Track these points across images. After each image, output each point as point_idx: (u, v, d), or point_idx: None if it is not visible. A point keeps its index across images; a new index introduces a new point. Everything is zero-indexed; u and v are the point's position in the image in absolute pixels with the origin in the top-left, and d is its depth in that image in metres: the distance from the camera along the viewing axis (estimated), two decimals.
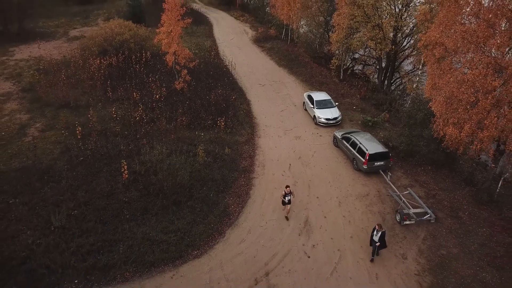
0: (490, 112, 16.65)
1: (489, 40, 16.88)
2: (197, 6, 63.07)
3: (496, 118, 16.38)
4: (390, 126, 26.00)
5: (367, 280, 14.84)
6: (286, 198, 17.52)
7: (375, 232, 15.35)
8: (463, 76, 17.19)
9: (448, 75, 18.09)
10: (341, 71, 35.29)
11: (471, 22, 17.95)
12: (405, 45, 32.98)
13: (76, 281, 14.28)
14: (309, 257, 15.93)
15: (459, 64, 18.72)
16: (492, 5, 17.27)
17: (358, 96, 31.72)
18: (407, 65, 35.35)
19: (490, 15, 16.72)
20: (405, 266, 15.57)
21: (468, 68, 17.85)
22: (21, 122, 25.21)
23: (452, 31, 18.06)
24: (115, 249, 15.47)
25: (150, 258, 15.27)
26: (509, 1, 16.18)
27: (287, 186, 17.73)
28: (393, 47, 31.66)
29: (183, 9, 26.46)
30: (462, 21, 18.20)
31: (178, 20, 26.59)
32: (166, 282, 14.59)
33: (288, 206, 17.71)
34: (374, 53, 33.30)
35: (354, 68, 39.44)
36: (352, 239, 16.79)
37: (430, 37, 19.22)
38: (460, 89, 16.58)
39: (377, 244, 15.26)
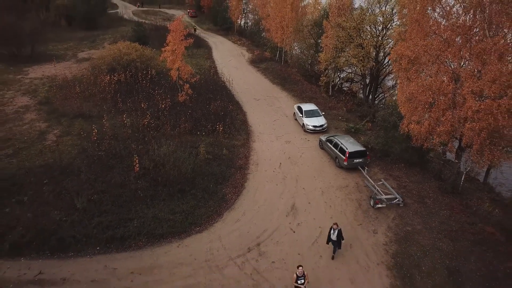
0: (446, 111, 20.33)
1: (444, 52, 20.79)
2: (197, 31, 67.99)
3: (450, 116, 20.02)
4: (371, 133, 29.57)
5: (343, 250, 17.97)
6: (299, 282, 14.46)
7: (332, 231, 16.96)
8: (423, 81, 20.98)
9: (413, 82, 21.89)
10: (330, 87, 39.30)
11: (431, 38, 21.92)
12: (386, 62, 37.10)
13: (98, 248, 17.41)
14: (294, 232, 19.11)
15: (423, 73, 22.56)
16: (447, 25, 21.33)
17: (344, 108, 35.53)
18: (388, 81, 39.42)
19: (448, 32, 20.63)
20: (375, 239, 18.77)
21: (429, 76, 21.70)
22: (40, 129, 28.71)
23: (415, 45, 21.99)
24: (129, 224, 18.66)
25: (159, 232, 18.44)
26: (460, 21, 20.13)
27: (299, 266, 14.61)
28: (375, 64, 35.77)
29: (186, 30, 30.57)
30: (424, 38, 22.15)
31: (182, 40, 30.68)
32: (173, 249, 17.72)
33: None
34: (358, 70, 37.37)
35: (342, 85, 43.48)
36: (332, 219, 19.98)
37: (398, 51, 23.17)
38: (419, 91, 20.30)
39: (342, 240, 17.04)
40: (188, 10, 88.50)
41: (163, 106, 30.11)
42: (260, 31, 63.11)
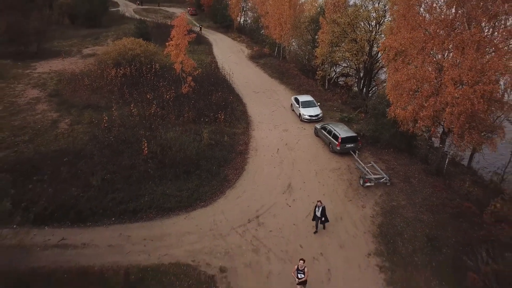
0: (429, 98, 22.45)
1: (428, 44, 22.92)
2: (198, 28, 70.00)
3: (433, 102, 22.13)
4: (363, 122, 31.66)
5: (334, 221, 20.08)
6: (299, 275, 14.76)
7: (317, 209, 18.64)
8: (408, 71, 23.11)
9: (399, 71, 24.02)
10: (326, 81, 41.41)
11: (416, 31, 24.01)
12: (380, 57, 39.22)
13: (113, 219, 19.53)
14: (290, 206, 21.24)
15: (411, 64, 24.66)
16: (431, 19, 23.48)
17: (339, 101, 37.66)
18: (381, 75, 41.54)
19: (432, 26, 22.75)
20: (363, 212, 20.90)
21: (415, 66, 23.82)
22: (52, 118, 30.76)
23: (402, 38, 24.11)
24: (141, 199, 20.76)
25: (168, 205, 20.56)
26: (443, 16, 22.25)
27: (300, 260, 15.02)
28: (369, 58, 37.90)
29: (188, 25, 32.68)
30: (410, 31, 24.25)
31: (185, 34, 32.77)
32: (180, 221, 19.84)
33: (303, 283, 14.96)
34: (353, 64, 39.50)
35: (338, 80, 45.62)
36: (324, 196, 22.10)
37: (386, 43, 25.33)
38: (404, 79, 22.44)
39: (323, 219, 18.62)
40: (188, 8, 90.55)
41: (167, 97, 32.19)
42: (259, 29, 65.17)
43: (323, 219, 18.89)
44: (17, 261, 15.65)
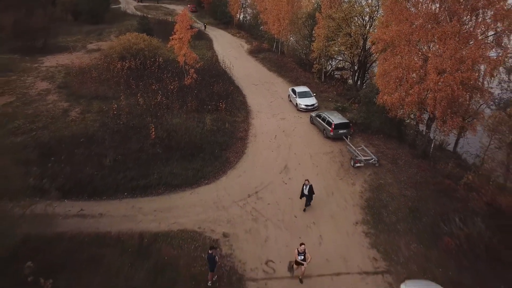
0: (414, 85, 24.65)
1: (413, 36, 25.11)
2: (198, 25, 72.11)
3: (417, 89, 24.32)
4: (356, 111, 33.83)
5: (325, 196, 22.30)
6: (299, 257, 15.96)
7: (304, 187, 20.31)
8: (395, 60, 25.31)
9: (387, 61, 26.23)
10: (322, 74, 43.59)
11: (403, 24, 26.17)
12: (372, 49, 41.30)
13: (125, 194, 21.74)
14: (286, 184, 23.45)
15: (397, 54, 26.82)
16: (416, 12, 25.66)
17: (335, 92, 39.85)
18: (375, 68, 43.63)
19: (419, 20, 24.91)
20: (353, 189, 23.12)
21: (401, 56, 25.98)
22: (63, 107, 32.90)
23: (390, 30, 26.29)
24: (150, 177, 22.96)
25: (175, 182, 22.76)
26: (428, 9, 24.42)
27: (301, 244, 16.19)
28: (363, 52, 40.08)
29: (191, 20, 34.85)
30: (398, 24, 26.40)
31: (188, 29, 34.95)
32: (186, 196, 22.06)
33: (303, 267, 16.05)
34: (348, 58, 41.69)
35: (334, 73, 47.80)
36: (317, 175, 24.33)
37: (376, 35, 27.54)
38: (391, 68, 24.66)
39: (313, 195, 20.50)
40: (188, 5, 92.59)
41: (171, 87, 34.37)
42: (258, 25, 67.29)
43: (309, 195, 20.86)
44: (43, 227, 17.79)
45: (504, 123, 20.69)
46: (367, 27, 39.50)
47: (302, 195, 20.98)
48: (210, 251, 15.65)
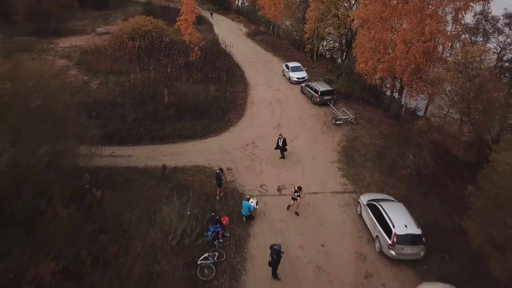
0: (385, 55, 30.18)
1: (384, 13, 30.58)
2: (198, 10, 77.19)
3: (388, 58, 29.83)
4: (340, 82, 39.34)
5: (309, 145, 27.94)
6: (295, 194, 20.32)
7: (279, 140, 25.54)
8: (370, 34, 30.81)
9: (363, 35, 31.73)
10: (314, 53, 49.03)
11: (377, 3, 31.52)
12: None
13: (147, 142, 27.35)
14: (278, 137, 29.05)
15: (373, 29, 32.27)
16: None
17: (325, 69, 45.32)
18: None
19: (393, 1, 30.31)
20: (333, 140, 28.75)
21: (375, 31, 31.44)
22: (84, 80, 38.36)
23: (366, 10, 31.72)
24: (166, 130, 28.53)
25: (187, 134, 28.36)
26: None
27: (298, 187, 20.58)
28: (349, 33, 45.51)
29: (196, 2, 40.22)
30: (373, 3, 31.76)
31: (192, 11, 40.36)
32: (197, 144, 27.67)
33: (297, 202, 20.42)
34: (336, 38, 47.13)
35: (326, 53, 53.25)
36: (304, 131, 29.92)
37: (355, 14, 33.04)
38: (366, 40, 30.19)
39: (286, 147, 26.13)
40: None
41: (179, 62, 39.85)
42: (256, 11, 72.43)
43: (284, 148, 26.03)
44: (87, 161, 23.29)
45: (441, 79, 25.95)
46: (353, 9, 44.82)
47: (277, 147, 26.08)
48: (217, 171, 21.33)
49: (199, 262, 16.96)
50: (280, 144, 25.92)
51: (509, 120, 20.24)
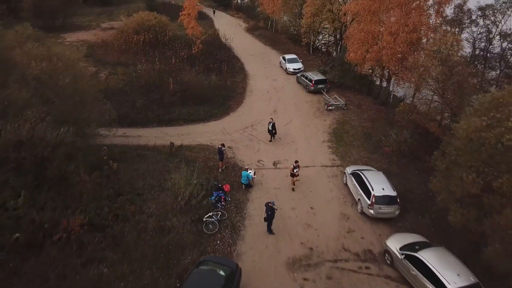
0: (373, 45, 33.09)
1: (372, 7, 33.48)
2: (200, 6, 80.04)
3: (376, 47, 32.72)
4: (334, 73, 42.20)
5: (303, 127, 30.88)
6: (295, 170, 22.51)
7: (269, 124, 28.69)
8: (359, 26, 33.71)
9: (353, 27, 34.64)
10: (310, 47, 51.95)
11: None
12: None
13: (154, 124, 30.32)
14: (274, 121, 31.98)
15: (362, 22, 35.14)
16: None
17: (320, 61, 48.22)
18: None
19: None
20: (325, 123, 31.69)
21: (364, 23, 34.33)
22: (92, 71, 41.17)
23: (357, 4, 34.59)
24: (172, 114, 31.49)
25: (191, 118, 31.32)
26: None
27: (296, 161, 22.94)
28: (344, 27, 48.39)
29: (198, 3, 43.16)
30: None
31: (195, 6, 43.25)
32: (200, 127, 30.62)
33: (295, 178, 22.82)
34: (331, 32, 50.03)
35: (322, 47, 56.17)
36: (298, 116, 32.86)
37: (346, 8, 35.97)
38: (355, 32, 33.11)
39: (274, 131, 28.48)
40: None
41: (182, 54, 42.78)
42: (255, 7, 75.27)
43: (274, 131, 28.59)
44: (101, 139, 26.21)
45: (418, 64, 28.84)
46: (346, 4, 47.66)
47: (268, 130, 28.62)
48: (219, 146, 24.28)
49: (204, 219, 19.86)
50: (270, 128, 28.55)
51: (475, 97, 23.07)
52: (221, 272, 15.58)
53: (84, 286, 15.84)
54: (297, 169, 22.79)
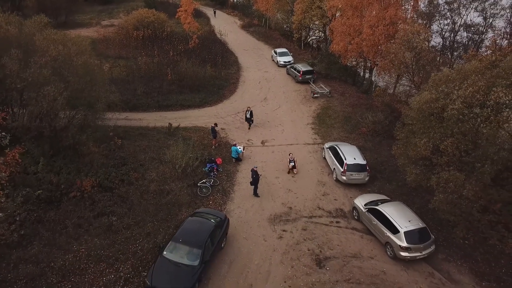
0: (354, 38, 36.44)
1: (354, 1, 36.83)
2: (195, 4, 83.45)
3: (357, 40, 36.05)
4: (321, 65, 45.53)
5: (289, 112, 34.19)
6: (291, 164, 24.93)
7: (247, 112, 31.47)
8: (342, 20, 37.07)
9: (336, 20, 38.02)
10: (301, 42, 55.33)
11: None
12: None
13: (154, 109, 33.59)
14: (264, 106, 35.31)
15: (345, 16, 38.47)
16: None
17: (310, 56, 51.60)
18: None
19: None
20: (310, 109, 35.02)
21: (347, 17, 37.67)
22: (95, 63, 44.43)
23: None
24: (170, 100, 34.74)
25: (187, 104, 34.59)
26: None
27: (290, 153, 25.68)
28: (330, 21, 51.76)
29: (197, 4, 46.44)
30: None
31: (191, 3, 46.59)
32: (196, 112, 33.89)
33: (295, 170, 25.08)
34: (320, 28, 53.44)
35: (312, 43, 59.55)
36: (286, 102, 36.17)
37: (331, 3, 39.36)
38: (338, 25, 36.48)
39: (252, 119, 31.55)
40: None
41: (180, 47, 46.10)
42: (250, 5, 78.67)
43: (251, 119, 31.34)
44: (107, 121, 29.43)
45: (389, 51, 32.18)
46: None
47: (246, 118, 31.36)
48: (212, 125, 27.57)
49: (199, 184, 23.14)
50: (248, 115, 31.24)
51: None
52: (212, 220, 18.79)
53: (97, 233, 19.06)
54: (292, 163, 25.28)
